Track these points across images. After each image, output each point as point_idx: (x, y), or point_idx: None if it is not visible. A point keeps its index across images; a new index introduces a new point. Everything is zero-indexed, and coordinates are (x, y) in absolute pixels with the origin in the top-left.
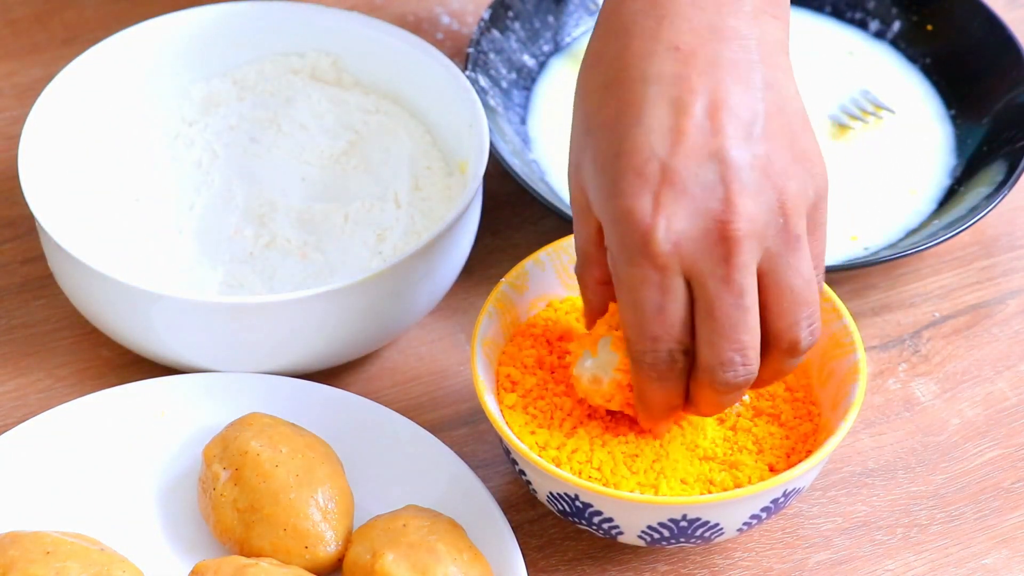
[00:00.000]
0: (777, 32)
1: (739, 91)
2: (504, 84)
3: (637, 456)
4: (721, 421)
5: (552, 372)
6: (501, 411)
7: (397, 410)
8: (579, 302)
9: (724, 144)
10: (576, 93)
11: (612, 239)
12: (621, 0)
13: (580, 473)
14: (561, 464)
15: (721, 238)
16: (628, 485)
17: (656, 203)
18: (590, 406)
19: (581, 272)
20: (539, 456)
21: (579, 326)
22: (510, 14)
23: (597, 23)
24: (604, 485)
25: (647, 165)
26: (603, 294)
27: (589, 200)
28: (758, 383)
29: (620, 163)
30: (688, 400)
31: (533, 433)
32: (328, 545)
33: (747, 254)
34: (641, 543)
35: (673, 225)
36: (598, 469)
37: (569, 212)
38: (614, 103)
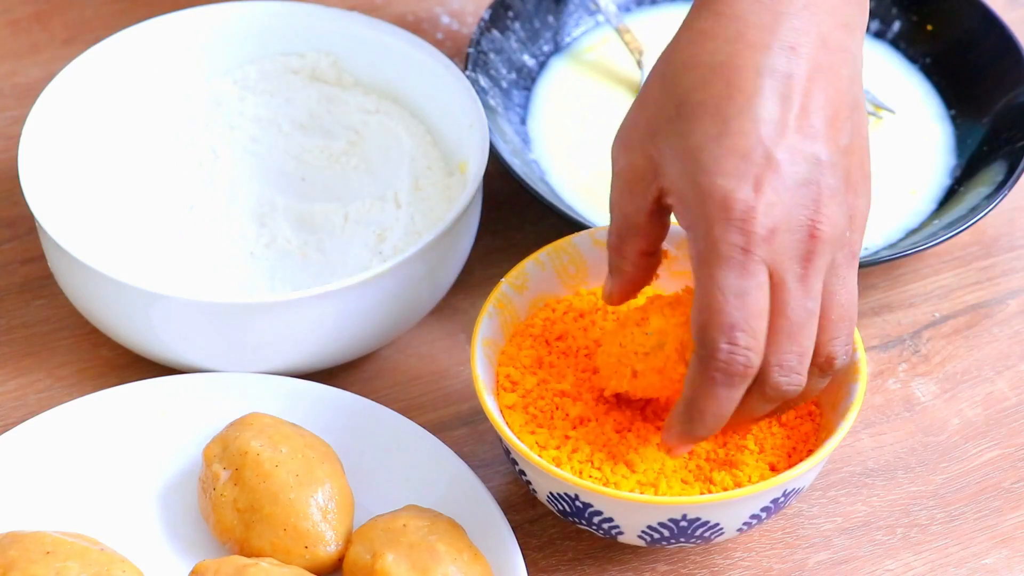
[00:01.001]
0: (861, 51)
1: (839, 104)
2: (504, 84)
3: (637, 456)
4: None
5: (552, 370)
6: (501, 411)
7: (397, 410)
8: (576, 303)
9: (822, 148)
10: (669, 63)
11: (701, 217)
12: None
13: (580, 473)
14: (561, 464)
15: (809, 235)
16: (628, 485)
17: (758, 187)
18: (590, 406)
19: (622, 242)
20: (539, 456)
21: (576, 327)
22: (510, 14)
23: (702, 2)
24: (604, 485)
25: (753, 150)
26: (645, 266)
27: (661, 171)
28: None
29: (724, 143)
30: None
31: (533, 433)
32: (328, 545)
33: (825, 257)
34: (641, 543)
35: (772, 211)
36: (598, 469)
37: (568, 212)
38: (722, 85)
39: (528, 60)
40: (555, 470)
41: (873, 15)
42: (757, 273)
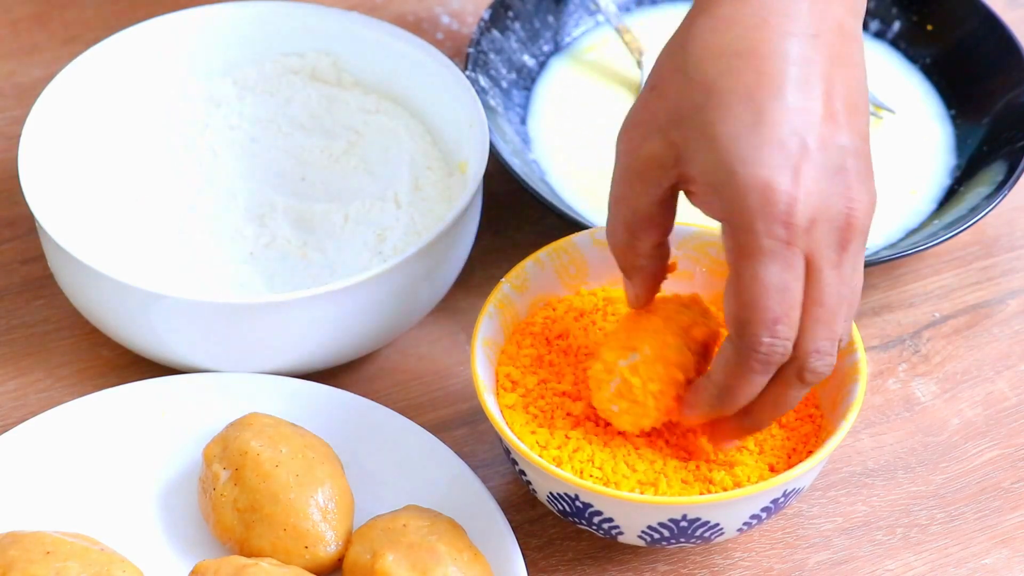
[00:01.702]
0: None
1: (856, 91)
2: (504, 84)
3: (638, 455)
4: None
5: (552, 369)
6: (501, 411)
7: (397, 410)
8: (577, 302)
9: (846, 135)
10: (688, 50)
11: (742, 209)
12: None
13: (581, 472)
14: (562, 463)
15: (847, 224)
16: (628, 485)
17: (796, 177)
18: (590, 406)
19: (634, 237)
20: (539, 456)
21: (576, 326)
22: (510, 14)
23: None
24: (604, 485)
25: (789, 139)
26: (661, 257)
27: (685, 158)
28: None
29: (760, 132)
30: (747, 415)
31: (533, 433)
32: (328, 545)
33: (857, 243)
34: (641, 543)
35: (811, 200)
36: (599, 468)
37: (568, 212)
38: (751, 73)
39: (528, 60)
40: (555, 470)
41: (873, 15)
42: (797, 265)
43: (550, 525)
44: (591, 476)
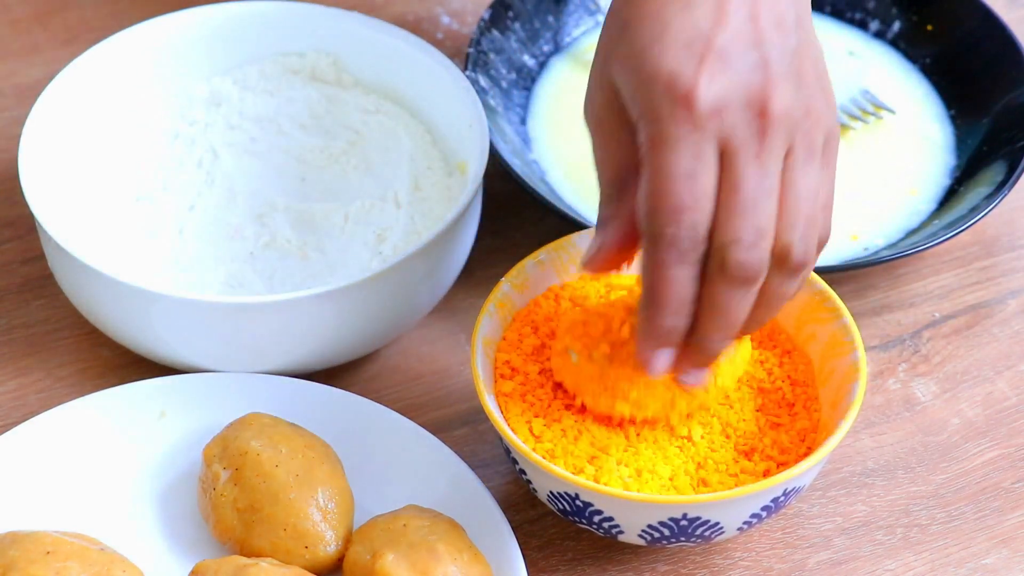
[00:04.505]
0: None
1: (780, 14)
2: (504, 84)
3: (634, 451)
4: (724, 426)
5: (551, 360)
6: (498, 400)
7: (397, 410)
8: (580, 289)
9: (766, 40)
10: (612, 5)
11: (647, 102)
12: None
13: (576, 469)
14: (555, 457)
15: (761, 112)
16: (621, 478)
17: (701, 66)
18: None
19: (614, 199)
20: (534, 451)
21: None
22: (510, 14)
23: None
24: (598, 480)
25: (694, 41)
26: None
27: (621, 95)
28: (751, 321)
29: (665, 39)
30: (693, 333)
31: (529, 423)
32: (328, 545)
33: (780, 137)
34: (642, 542)
35: (717, 87)
36: (597, 468)
37: (568, 212)
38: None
39: (528, 60)
40: (555, 469)
41: (873, 15)
42: (705, 153)
43: (550, 525)
44: (584, 473)
